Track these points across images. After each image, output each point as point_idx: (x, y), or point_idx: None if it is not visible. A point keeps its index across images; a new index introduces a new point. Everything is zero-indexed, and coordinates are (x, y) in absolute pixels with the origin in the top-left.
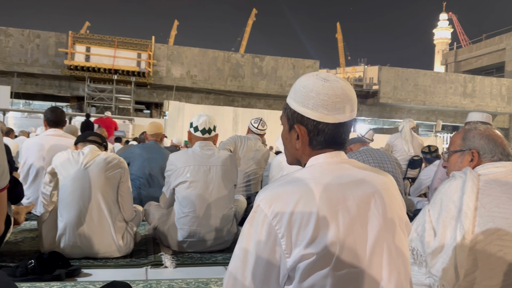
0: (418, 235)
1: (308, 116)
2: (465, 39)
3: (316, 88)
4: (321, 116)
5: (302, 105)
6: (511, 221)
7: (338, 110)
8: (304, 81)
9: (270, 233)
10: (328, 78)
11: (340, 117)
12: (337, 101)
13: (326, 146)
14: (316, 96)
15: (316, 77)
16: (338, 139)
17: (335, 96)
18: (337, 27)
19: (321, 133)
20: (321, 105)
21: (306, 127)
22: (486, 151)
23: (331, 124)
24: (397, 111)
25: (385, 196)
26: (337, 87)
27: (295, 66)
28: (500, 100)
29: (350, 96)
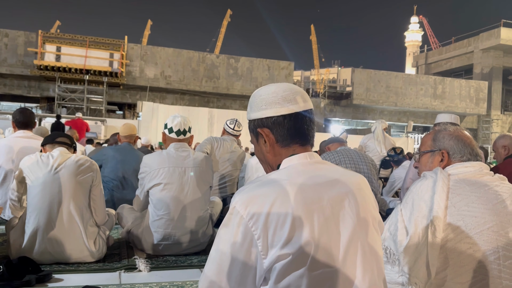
0: (391, 234)
1: (265, 116)
2: (435, 41)
3: (265, 91)
4: (276, 111)
5: (258, 110)
6: (480, 220)
7: (290, 101)
8: (255, 93)
9: (247, 234)
10: (275, 84)
11: (294, 107)
12: (286, 94)
13: (292, 140)
14: (267, 97)
15: (264, 86)
16: (301, 130)
17: (282, 90)
18: (311, 29)
19: (281, 127)
20: (273, 101)
21: (267, 127)
22: (455, 152)
23: (288, 116)
24: (370, 112)
25: (358, 196)
26: (283, 85)
27: (270, 67)
28: (469, 101)
29: (298, 90)
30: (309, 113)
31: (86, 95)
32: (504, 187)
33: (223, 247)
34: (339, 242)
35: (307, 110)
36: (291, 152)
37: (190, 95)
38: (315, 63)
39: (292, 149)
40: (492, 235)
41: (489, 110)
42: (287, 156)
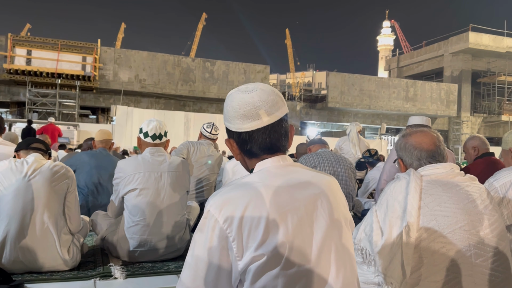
0: (366, 235)
1: (230, 129)
2: (406, 45)
3: (231, 102)
4: (238, 127)
5: (226, 120)
6: (452, 219)
7: (252, 117)
8: (226, 98)
9: (221, 237)
10: (245, 89)
11: (257, 124)
12: (247, 110)
13: (258, 153)
14: (231, 110)
15: (236, 91)
16: (266, 145)
17: (244, 105)
18: (286, 33)
19: (245, 142)
20: (234, 117)
21: (233, 139)
22: (410, 160)
23: (250, 132)
24: (344, 115)
25: (330, 196)
26: (247, 97)
27: (246, 70)
28: (440, 103)
29: (265, 100)
30: (277, 125)
31: (58, 99)
32: (474, 187)
33: (199, 252)
34: (312, 242)
35: (274, 123)
36: (258, 161)
37: (165, 99)
38: (291, 67)
39: (260, 159)
40: (464, 234)
41: (459, 112)
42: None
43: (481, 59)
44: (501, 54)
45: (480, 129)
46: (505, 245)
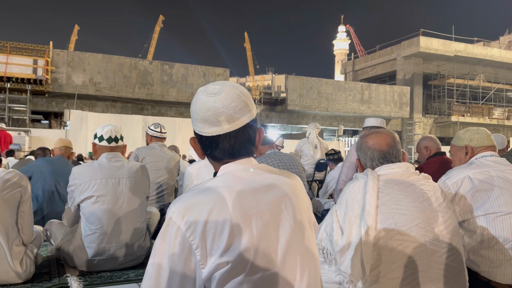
0: (327, 235)
1: (194, 129)
2: (361, 50)
3: (195, 103)
4: (200, 130)
5: (191, 119)
6: (408, 217)
7: (212, 123)
8: (194, 96)
9: (184, 245)
10: (212, 90)
11: (217, 130)
12: (208, 115)
13: (224, 157)
14: (194, 111)
15: (202, 90)
16: (226, 150)
17: (206, 110)
18: (245, 36)
19: (207, 146)
20: (197, 119)
21: (197, 139)
22: (364, 160)
23: (210, 137)
24: (303, 117)
25: (294, 198)
26: (210, 101)
27: (206, 74)
28: (393, 105)
29: (226, 107)
30: (240, 131)
31: (8, 104)
32: (429, 185)
33: (160, 260)
34: (277, 246)
35: (236, 130)
36: (222, 164)
37: (122, 103)
38: (250, 70)
39: (223, 162)
40: (420, 231)
41: (412, 113)
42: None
43: (431, 62)
44: (450, 58)
45: (431, 130)
46: (458, 240)
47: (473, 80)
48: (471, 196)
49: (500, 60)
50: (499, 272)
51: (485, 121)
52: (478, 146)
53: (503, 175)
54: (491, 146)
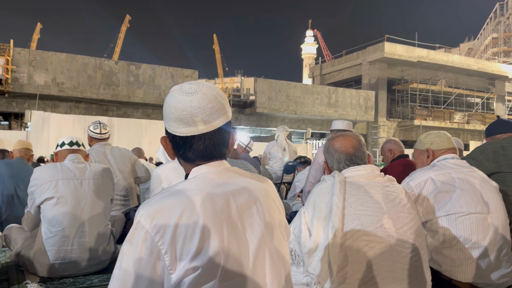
0: (295, 237)
1: (167, 129)
2: (328, 54)
3: (169, 101)
4: (174, 130)
5: (164, 118)
6: (373, 218)
7: (188, 123)
8: (168, 94)
9: (153, 250)
10: (188, 89)
11: (192, 130)
12: (183, 115)
13: (196, 158)
14: (168, 109)
15: (177, 89)
16: (199, 152)
17: (181, 109)
18: (214, 38)
19: (179, 146)
20: (171, 118)
21: (169, 139)
22: (331, 163)
23: (184, 137)
24: (272, 120)
25: (266, 202)
26: (187, 100)
27: (174, 75)
28: (359, 109)
29: (203, 107)
30: (215, 133)
31: None
32: (393, 187)
33: (127, 264)
34: (248, 250)
35: (211, 131)
36: (194, 166)
37: (86, 103)
38: (219, 72)
39: (195, 164)
40: (385, 232)
41: (377, 117)
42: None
43: (395, 67)
44: (413, 63)
45: (395, 133)
46: (421, 240)
47: (435, 85)
48: (433, 197)
49: (460, 66)
50: (460, 271)
51: (446, 125)
52: (439, 149)
53: (464, 177)
54: (452, 148)
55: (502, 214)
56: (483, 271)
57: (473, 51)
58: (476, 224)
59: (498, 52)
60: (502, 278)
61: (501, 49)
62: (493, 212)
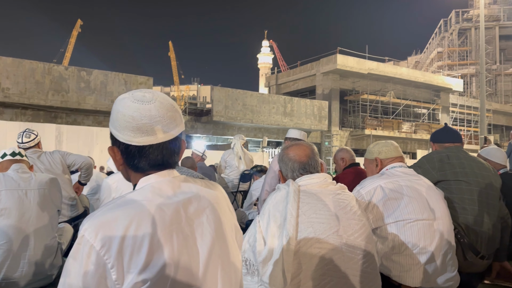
0: (250, 246)
1: (118, 138)
2: (284, 64)
3: (123, 110)
4: (128, 139)
5: (113, 126)
6: (326, 225)
7: (146, 132)
8: (118, 101)
9: (98, 264)
10: (142, 98)
11: (150, 139)
12: (143, 123)
13: (149, 168)
14: (122, 118)
15: (129, 97)
16: (157, 161)
17: (141, 117)
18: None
19: (133, 156)
20: (126, 127)
21: (119, 149)
22: (286, 171)
23: (140, 147)
24: (229, 128)
25: (217, 210)
26: (145, 108)
27: (127, 81)
28: (313, 118)
29: (162, 116)
30: (171, 142)
31: None
32: (344, 195)
33: (72, 281)
34: (199, 260)
35: (168, 140)
36: (142, 176)
37: (33, 110)
38: (175, 80)
39: (145, 174)
40: (337, 239)
41: (330, 126)
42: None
43: (347, 79)
44: (364, 75)
45: (347, 142)
46: (372, 247)
47: (384, 96)
48: (382, 204)
49: (408, 79)
50: (408, 276)
51: (395, 135)
52: (386, 158)
53: (411, 184)
54: (399, 157)
55: (447, 220)
56: (430, 275)
57: (420, 64)
58: (423, 230)
59: (442, 65)
60: (447, 282)
61: (445, 63)
62: (439, 219)
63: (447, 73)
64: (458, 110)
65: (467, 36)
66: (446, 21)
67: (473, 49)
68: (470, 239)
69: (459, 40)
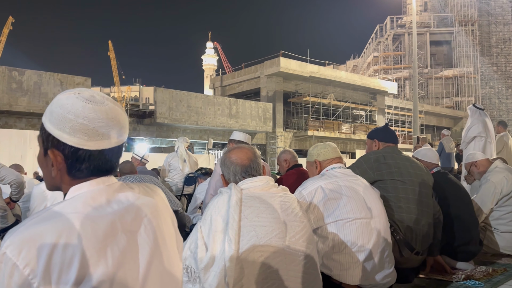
0: (191, 253)
1: (64, 141)
2: (228, 66)
3: (75, 110)
4: (80, 142)
5: (58, 128)
6: (268, 228)
7: (102, 136)
8: (62, 100)
9: (22, 285)
10: (92, 98)
11: (104, 143)
12: (100, 126)
13: (90, 174)
14: (75, 119)
15: (77, 96)
16: (104, 166)
17: (97, 120)
18: (109, 45)
19: (81, 161)
20: (80, 129)
21: (63, 153)
22: (228, 175)
23: (93, 151)
24: (173, 130)
25: (155, 219)
26: (101, 110)
27: (63, 82)
28: (258, 120)
29: (118, 119)
30: (120, 147)
31: None
32: (286, 197)
33: None
34: (137, 273)
35: (118, 145)
36: (75, 184)
37: None
38: (115, 80)
39: (80, 181)
40: (279, 241)
41: (274, 128)
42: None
43: (290, 81)
44: (306, 78)
45: (291, 143)
46: (312, 248)
47: (325, 98)
48: (323, 204)
49: (347, 82)
50: (348, 274)
51: (336, 135)
52: (325, 159)
53: (349, 184)
54: (337, 158)
55: (383, 218)
56: (368, 273)
57: (357, 68)
58: (361, 229)
59: (378, 69)
60: (385, 279)
61: (381, 67)
62: (376, 217)
63: (383, 76)
64: (393, 111)
65: (401, 42)
66: (382, 27)
67: (407, 54)
68: (405, 236)
69: (393, 45)
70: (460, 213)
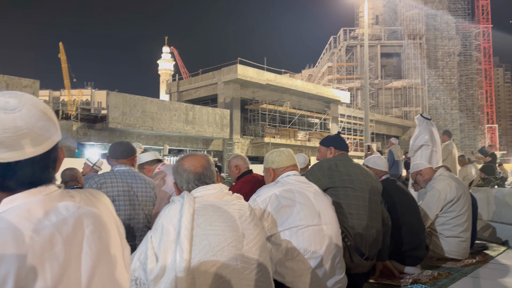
0: (141, 264)
1: None
2: (185, 72)
3: None
4: None
5: None
6: (221, 237)
7: (11, 147)
8: None
9: None
10: (5, 105)
11: (17, 155)
12: (6, 137)
13: (20, 186)
14: None
15: None
16: (25, 180)
17: (2, 130)
18: (60, 47)
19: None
20: None
21: None
22: (181, 183)
23: (7, 164)
24: (127, 136)
25: (98, 229)
26: (8, 119)
27: (9, 84)
28: (215, 126)
29: (31, 127)
30: (45, 155)
31: None
32: (240, 205)
33: None
34: (79, 287)
35: (41, 154)
36: (7, 195)
37: None
38: (66, 83)
39: (11, 193)
40: (232, 250)
41: (232, 134)
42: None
43: (247, 88)
44: (263, 86)
45: (248, 149)
46: (265, 256)
47: (282, 106)
48: (277, 212)
49: (302, 90)
50: (300, 281)
51: (292, 142)
52: (279, 167)
53: (303, 191)
54: (292, 165)
55: (334, 224)
56: (320, 279)
57: (312, 77)
58: (314, 236)
59: (332, 79)
60: (336, 285)
61: (334, 77)
62: (327, 223)
63: (336, 86)
64: (345, 120)
65: (353, 53)
66: (336, 38)
67: (359, 65)
68: (356, 242)
69: (346, 56)
70: (407, 219)
